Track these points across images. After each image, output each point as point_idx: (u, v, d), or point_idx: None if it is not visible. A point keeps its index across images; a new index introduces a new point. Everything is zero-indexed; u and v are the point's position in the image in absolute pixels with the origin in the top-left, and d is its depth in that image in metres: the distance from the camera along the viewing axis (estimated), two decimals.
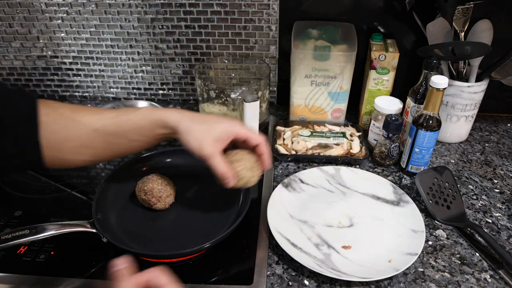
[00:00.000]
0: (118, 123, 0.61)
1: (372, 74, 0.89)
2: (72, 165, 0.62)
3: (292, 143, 0.89)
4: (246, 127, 0.65)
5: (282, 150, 0.87)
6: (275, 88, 1.06)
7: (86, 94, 1.11)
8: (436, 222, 0.72)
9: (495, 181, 0.83)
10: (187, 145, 0.61)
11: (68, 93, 1.11)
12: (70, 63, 1.05)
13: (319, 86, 0.91)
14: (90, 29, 0.99)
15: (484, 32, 0.83)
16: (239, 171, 0.62)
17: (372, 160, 0.87)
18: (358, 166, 0.85)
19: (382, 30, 0.94)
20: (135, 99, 1.10)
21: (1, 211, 0.73)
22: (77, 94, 1.11)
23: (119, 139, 0.61)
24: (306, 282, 0.61)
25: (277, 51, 0.99)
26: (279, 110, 1.06)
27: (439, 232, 0.71)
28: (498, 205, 0.77)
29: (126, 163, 0.78)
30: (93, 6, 0.95)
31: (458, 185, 0.78)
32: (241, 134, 0.63)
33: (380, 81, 0.90)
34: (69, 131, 0.59)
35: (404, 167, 0.83)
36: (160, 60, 1.03)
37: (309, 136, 0.90)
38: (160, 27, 0.97)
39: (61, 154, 0.59)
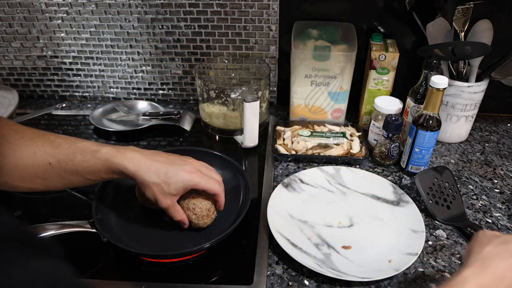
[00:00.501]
0: (74, 162, 0.59)
1: (372, 74, 0.89)
2: (20, 191, 0.61)
3: (292, 143, 0.89)
4: (205, 179, 0.63)
5: (282, 150, 0.87)
6: (275, 88, 1.06)
7: (86, 94, 1.11)
8: (436, 222, 0.72)
9: (495, 181, 0.83)
10: (143, 195, 0.63)
11: (68, 93, 1.11)
12: (70, 63, 1.05)
13: (319, 86, 0.91)
14: (90, 29, 0.99)
15: (484, 32, 0.83)
16: (193, 219, 0.65)
17: (372, 160, 0.87)
18: (358, 166, 0.85)
19: (382, 30, 0.94)
20: (135, 99, 1.10)
21: (1, 211, 0.72)
22: (77, 94, 1.11)
23: (74, 177, 0.60)
24: (306, 282, 0.61)
25: (277, 51, 0.99)
26: (279, 110, 1.06)
27: (439, 232, 0.71)
28: (498, 205, 0.77)
29: None
30: (93, 6, 0.95)
31: (458, 185, 0.78)
32: (200, 187, 0.63)
33: (380, 81, 0.90)
34: (23, 159, 0.58)
35: (404, 167, 0.83)
36: (160, 60, 1.03)
37: (309, 136, 0.90)
38: (160, 27, 0.97)
39: (11, 180, 0.58)
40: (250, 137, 0.87)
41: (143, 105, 1.05)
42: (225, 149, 0.90)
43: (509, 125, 1.01)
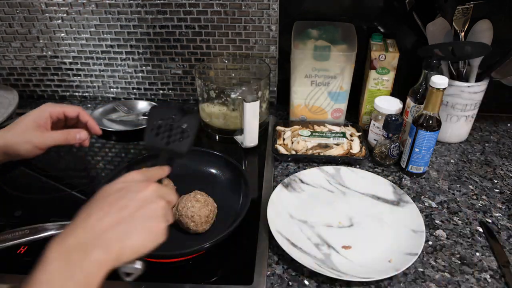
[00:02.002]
0: None
1: (372, 74, 0.89)
2: None
3: (292, 143, 0.89)
4: (59, 104, 0.69)
5: (282, 150, 0.87)
6: (275, 88, 1.06)
7: (86, 94, 1.11)
8: (436, 222, 0.73)
9: (495, 181, 0.83)
10: (23, 155, 0.66)
11: (68, 93, 1.11)
12: (70, 63, 1.05)
13: (319, 86, 0.91)
14: (90, 29, 0.99)
15: (484, 32, 0.83)
16: (191, 226, 0.64)
17: (372, 160, 0.87)
18: (358, 166, 0.85)
19: (382, 30, 0.94)
20: (135, 99, 1.10)
21: (1, 211, 0.73)
22: (77, 94, 1.11)
23: None
24: (306, 282, 0.61)
25: (277, 51, 0.99)
26: (279, 110, 1.06)
27: (439, 232, 0.71)
28: (498, 205, 0.77)
29: (126, 163, 0.78)
30: (93, 6, 0.95)
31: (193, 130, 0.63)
32: (55, 112, 0.67)
33: (380, 81, 0.90)
34: None
35: (404, 167, 0.83)
36: (160, 60, 1.03)
37: (309, 136, 0.90)
38: (160, 27, 0.97)
39: None
40: (250, 137, 0.87)
41: (143, 105, 1.05)
42: (225, 149, 0.90)
43: (509, 125, 1.01)
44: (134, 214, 0.47)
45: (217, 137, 0.95)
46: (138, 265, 0.47)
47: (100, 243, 0.43)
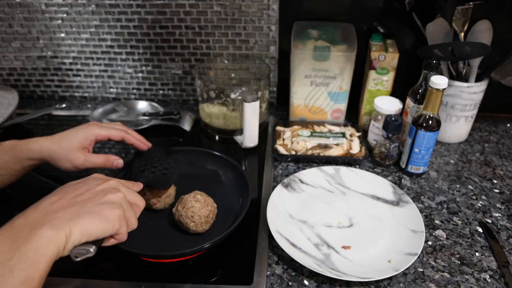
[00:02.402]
0: None
1: (372, 74, 0.89)
2: None
3: (292, 143, 0.89)
4: (104, 126, 0.70)
5: (282, 150, 0.87)
6: (275, 88, 1.06)
7: (86, 94, 1.11)
8: (435, 222, 0.73)
9: (495, 181, 0.83)
10: (60, 168, 0.67)
11: (68, 94, 1.11)
12: (70, 63, 1.05)
13: (319, 86, 0.91)
14: (90, 30, 0.99)
15: (483, 32, 0.83)
16: (191, 227, 0.64)
17: (372, 160, 0.87)
18: (358, 166, 0.86)
19: (382, 30, 0.94)
20: (135, 99, 1.10)
21: (1, 211, 0.73)
22: (77, 94, 1.11)
23: None
24: (306, 282, 0.62)
25: (277, 51, 0.99)
26: (279, 110, 1.06)
27: (439, 232, 0.71)
28: (497, 205, 0.77)
29: (126, 163, 0.78)
30: (93, 6, 0.95)
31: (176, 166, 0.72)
32: (101, 136, 0.69)
33: (380, 81, 0.90)
34: None
35: (403, 167, 0.83)
36: (160, 60, 1.03)
37: (309, 136, 0.90)
38: (160, 27, 0.98)
39: None
40: (250, 137, 0.87)
41: (143, 106, 1.05)
42: (225, 149, 0.90)
43: (508, 125, 1.01)
44: (88, 199, 0.49)
45: (217, 137, 0.95)
46: (91, 248, 0.47)
47: (49, 221, 0.43)
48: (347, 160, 0.85)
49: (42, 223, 0.43)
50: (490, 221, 0.73)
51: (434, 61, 0.79)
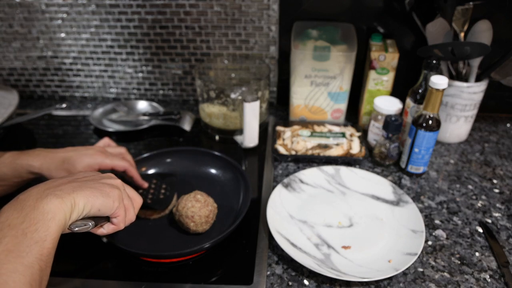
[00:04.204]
0: None
1: (372, 74, 0.89)
2: None
3: (292, 143, 0.89)
4: (110, 156, 0.68)
5: (282, 150, 0.87)
6: (275, 88, 1.06)
7: (86, 94, 1.11)
8: (435, 222, 0.73)
9: (495, 181, 0.83)
10: None
11: (68, 94, 1.11)
12: (70, 63, 1.05)
13: (319, 86, 0.91)
14: (90, 30, 0.99)
15: (483, 32, 0.83)
16: (191, 227, 0.65)
17: (372, 160, 0.87)
18: (357, 166, 0.86)
19: (381, 30, 0.94)
20: (135, 99, 1.10)
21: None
22: (77, 94, 1.11)
23: None
24: (306, 282, 0.62)
25: (277, 51, 0.99)
26: (279, 110, 1.06)
27: (439, 232, 0.71)
28: (497, 205, 0.77)
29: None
30: (93, 6, 0.95)
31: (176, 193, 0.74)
32: (105, 165, 0.67)
33: (380, 81, 0.90)
34: None
35: (403, 167, 0.83)
36: (160, 60, 1.03)
37: (309, 136, 0.90)
38: (160, 27, 0.98)
39: None
40: (250, 137, 0.88)
41: (143, 106, 1.05)
42: (225, 149, 0.90)
43: (508, 125, 1.01)
44: (88, 180, 0.50)
45: (217, 137, 0.95)
46: (90, 222, 0.48)
47: (53, 192, 0.44)
48: (347, 160, 0.85)
49: (47, 194, 0.44)
50: (490, 221, 0.73)
51: (434, 61, 0.79)
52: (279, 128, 0.94)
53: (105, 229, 0.53)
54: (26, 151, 0.66)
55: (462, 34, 0.87)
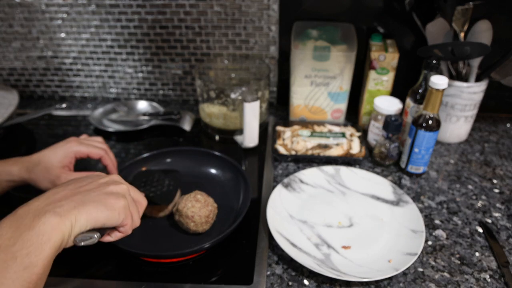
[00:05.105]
0: None
1: (372, 74, 0.89)
2: None
3: (292, 143, 0.89)
4: (85, 143, 0.69)
5: (282, 150, 0.87)
6: (275, 88, 1.06)
7: (86, 94, 1.11)
8: (435, 222, 0.73)
9: (495, 181, 0.83)
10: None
11: (68, 94, 1.11)
12: (70, 63, 1.05)
13: (319, 86, 0.91)
14: (91, 30, 0.99)
15: (483, 32, 0.83)
16: (191, 227, 0.65)
17: (372, 160, 0.87)
18: (357, 166, 0.86)
19: (381, 30, 0.94)
20: (135, 99, 1.10)
21: (1, 211, 0.73)
22: (77, 94, 1.11)
23: None
24: (306, 282, 0.62)
25: (277, 51, 1.00)
26: (279, 110, 1.06)
27: (439, 232, 0.71)
28: (497, 205, 0.77)
29: (126, 163, 0.78)
30: (94, 6, 0.95)
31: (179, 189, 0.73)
32: (81, 153, 0.68)
33: (380, 81, 0.90)
34: None
35: (403, 167, 0.83)
36: (160, 60, 1.03)
37: (309, 136, 0.90)
38: (160, 27, 0.98)
39: None
40: (250, 137, 0.88)
41: (143, 106, 1.05)
42: (225, 149, 0.90)
43: (508, 125, 1.01)
44: (92, 189, 0.48)
45: (217, 137, 0.95)
46: (95, 235, 0.47)
47: (52, 209, 0.42)
48: (347, 160, 0.85)
49: (46, 211, 0.42)
50: (490, 221, 0.73)
51: (434, 61, 0.79)
52: (279, 128, 0.94)
53: (112, 237, 0.52)
54: (4, 159, 0.67)
55: (462, 34, 0.87)
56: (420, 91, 0.82)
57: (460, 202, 0.77)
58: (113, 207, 0.47)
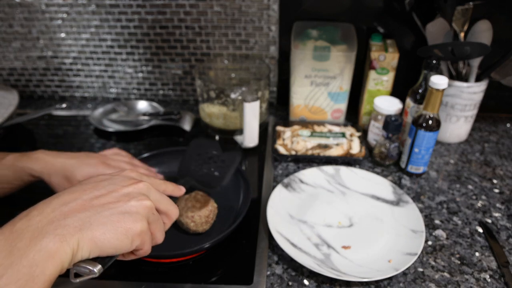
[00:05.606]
0: None
1: (372, 74, 0.89)
2: None
3: (292, 143, 0.89)
4: (112, 166, 0.67)
5: (282, 150, 0.87)
6: (275, 88, 1.06)
7: (86, 94, 1.11)
8: (435, 222, 0.73)
9: (495, 181, 0.83)
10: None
11: (68, 94, 1.11)
12: (70, 63, 1.05)
13: (319, 86, 0.91)
14: (91, 30, 0.99)
15: (483, 32, 0.83)
16: (191, 227, 0.64)
17: (372, 160, 0.87)
18: (357, 166, 0.86)
19: (381, 30, 0.94)
20: (135, 99, 1.10)
21: (1, 211, 0.73)
22: (77, 94, 1.11)
23: None
24: (306, 282, 0.62)
25: (277, 51, 0.99)
26: (279, 110, 1.06)
27: (439, 232, 0.71)
28: (497, 205, 0.77)
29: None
30: (94, 6, 0.95)
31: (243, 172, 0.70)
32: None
33: (380, 81, 0.90)
34: None
35: (403, 167, 0.83)
36: (160, 60, 1.03)
37: (309, 136, 0.90)
38: (160, 27, 0.98)
39: None
40: (250, 137, 0.88)
41: (143, 106, 1.05)
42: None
43: (508, 125, 1.01)
44: (107, 205, 0.40)
45: (217, 137, 0.95)
46: (95, 268, 0.39)
47: (53, 231, 0.36)
48: (347, 160, 0.85)
49: (45, 232, 0.36)
50: (490, 221, 0.73)
51: (434, 61, 0.79)
52: (279, 128, 0.94)
53: (125, 257, 0.45)
54: (28, 153, 0.66)
55: (462, 34, 0.87)
56: (420, 91, 0.82)
57: (460, 202, 0.77)
58: (126, 233, 0.40)
